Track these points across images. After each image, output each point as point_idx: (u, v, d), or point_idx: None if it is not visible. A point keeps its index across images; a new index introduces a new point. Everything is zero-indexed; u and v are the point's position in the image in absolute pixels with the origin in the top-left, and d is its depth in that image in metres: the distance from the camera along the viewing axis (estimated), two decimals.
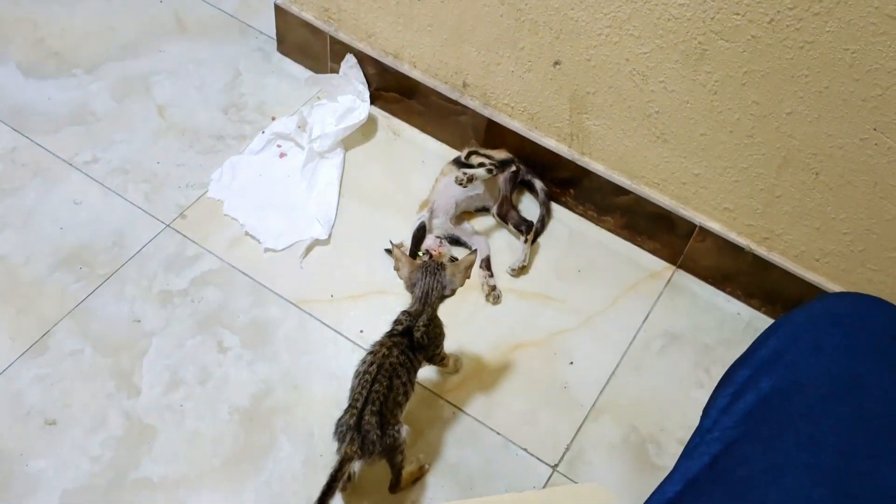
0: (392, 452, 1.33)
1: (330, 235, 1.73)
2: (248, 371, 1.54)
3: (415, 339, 1.35)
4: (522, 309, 1.68)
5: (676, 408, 1.58)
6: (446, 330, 1.44)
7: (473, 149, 1.78)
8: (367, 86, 1.90)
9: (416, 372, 1.38)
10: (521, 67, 1.66)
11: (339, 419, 1.30)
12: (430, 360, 1.45)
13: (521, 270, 1.71)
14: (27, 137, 1.81)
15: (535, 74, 1.65)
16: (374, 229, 1.74)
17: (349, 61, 1.88)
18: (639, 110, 1.57)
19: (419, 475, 1.46)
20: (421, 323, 1.36)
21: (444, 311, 1.65)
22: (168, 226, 1.71)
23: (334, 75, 1.91)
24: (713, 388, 0.96)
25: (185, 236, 1.70)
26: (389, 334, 1.36)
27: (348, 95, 1.88)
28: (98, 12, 2.09)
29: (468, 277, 1.38)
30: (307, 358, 1.57)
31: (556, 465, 1.49)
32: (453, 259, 1.69)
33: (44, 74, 1.94)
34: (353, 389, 1.32)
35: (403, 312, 1.38)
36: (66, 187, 1.75)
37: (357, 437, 1.26)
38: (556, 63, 1.61)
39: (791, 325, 0.91)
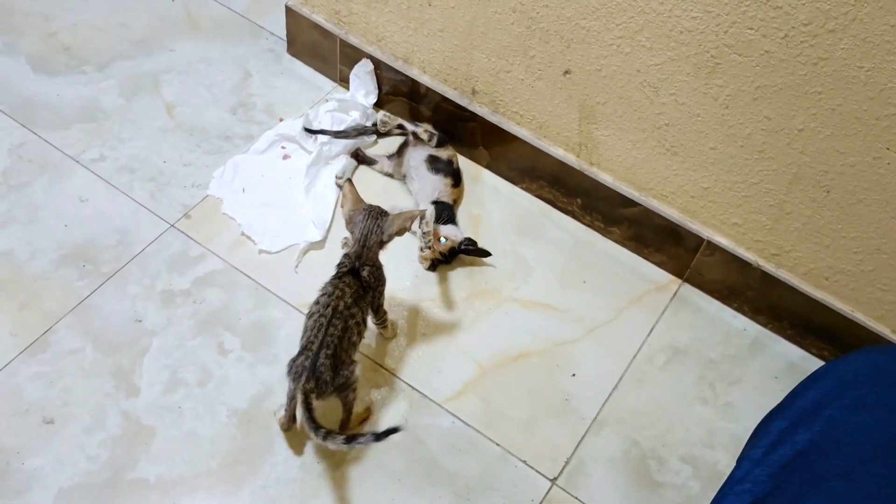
0: (345, 391, 1.39)
1: (326, 238, 1.72)
2: (249, 373, 1.54)
3: (362, 279, 1.40)
4: (525, 318, 1.67)
5: (679, 423, 1.57)
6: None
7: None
8: (377, 93, 1.89)
9: (367, 312, 1.43)
10: (531, 75, 1.65)
11: (294, 359, 1.35)
12: (374, 311, 1.50)
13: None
14: (35, 133, 1.81)
15: (545, 83, 1.64)
16: None
17: (365, 66, 1.87)
18: (649, 122, 1.56)
19: (366, 416, 1.49)
20: (367, 262, 1.41)
21: (447, 317, 1.64)
22: (172, 225, 1.71)
23: (347, 93, 1.91)
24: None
25: (188, 236, 1.70)
26: (338, 276, 1.40)
27: (359, 112, 1.87)
28: (111, 8, 2.08)
29: (407, 230, 1.43)
30: None
31: (556, 479, 1.48)
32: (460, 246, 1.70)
33: (54, 70, 1.94)
34: (307, 328, 1.37)
35: (345, 255, 1.43)
36: (72, 184, 1.74)
37: (312, 377, 1.31)
38: (567, 72, 1.59)
39: (833, 379, 0.90)
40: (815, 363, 1.67)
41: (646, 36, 1.44)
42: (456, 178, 1.80)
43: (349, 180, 1.47)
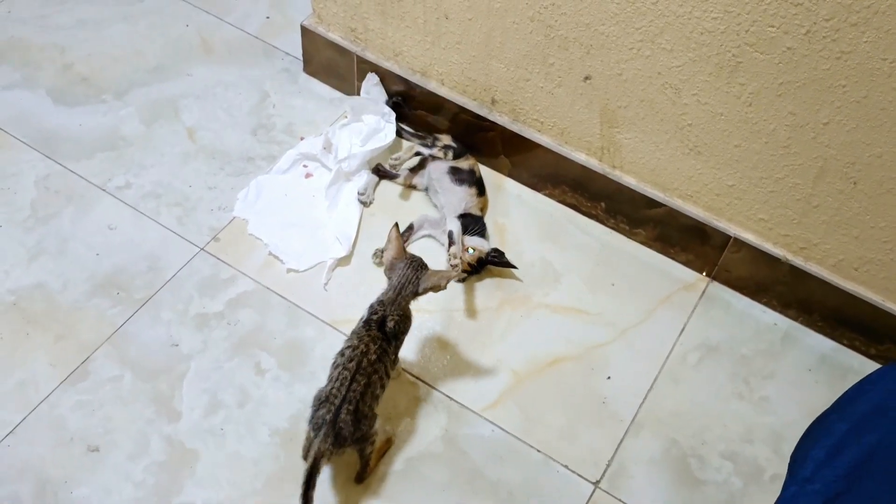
0: (363, 443, 1.38)
1: (352, 253, 1.73)
2: (286, 392, 1.55)
3: (387, 329, 1.39)
4: (557, 323, 1.68)
5: (717, 420, 1.57)
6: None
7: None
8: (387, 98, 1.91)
9: (391, 364, 1.42)
10: (550, 83, 1.66)
11: (316, 411, 1.33)
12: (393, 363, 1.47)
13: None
14: (60, 164, 1.83)
15: (565, 89, 1.65)
16: None
17: (371, 80, 1.89)
18: (671, 123, 1.57)
19: (386, 448, 1.49)
20: (395, 312, 1.40)
21: (480, 327, 1.65)
22: (202, 249, 1.72)
23: (359, 97, 1.92)
24: (801, 436, 0.95)
25: (218, 259, 1.71)
26: (366, 326, 1.39)
27: (373, 115, 1.88)
28: (125, 37, 2.10)
29: (442, 288, 1.42)
30: None
31: (598, 482, 1.49)
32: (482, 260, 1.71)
33: (73, 101, 1.95)
34: (331, 379, 1.36)
35: (378, 301, 1.42)
36: (100, 213, 1.76)
37: (331, 432, 1.30)
38: (587, 78, 1.61)
39: (892, 380, 0.91)
40: (848, 354, 1.68)
41: (666, 38, 1.46)
42: (480, 187, 1.81)
43: (396, 226, 1.46)
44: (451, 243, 1.69)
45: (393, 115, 1.87)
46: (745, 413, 1.59)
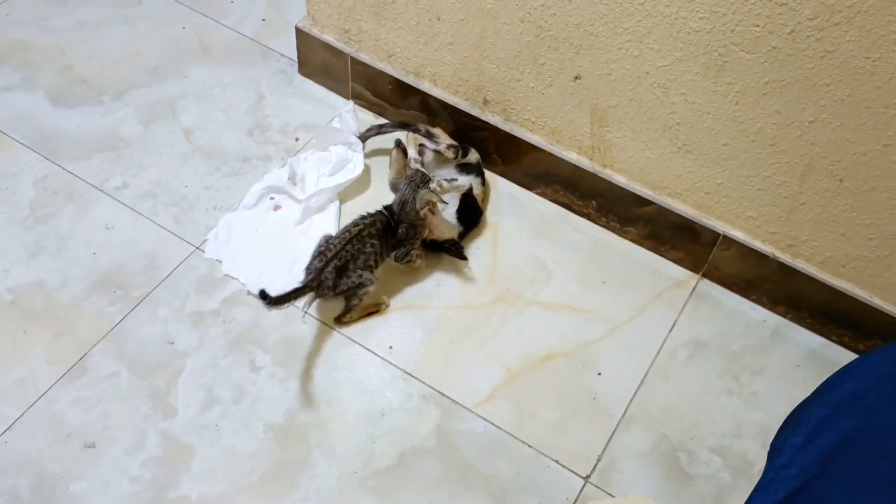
0: (351, 297, 1.59)
1: None
2: (281, 388, 1.57)
3: (397, 233, 1.62)
4: (549, 320, 1.70)
5: (706, 415, 1.59)
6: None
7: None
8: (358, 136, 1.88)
9: (386, 251, 1.62)
10: (541, 83, 1.69)
11: (312, 259, 1.56)
12: (401, 257, 1.66)
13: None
14: (58, 165, 1.85)
15: (556, 89, 1.68)
16: None
17: (346, 107, 1.92)
18: (660, 122, 1.59)
19: (374, 310, 1.66)
20: (405, 221, 1.62)
21: (472, 323, 1.67)
22: (198, 248, 1.74)
23: (325, 127, 1.90)
24: (780, 425, 0.97)
25: (214, 259, 1.73)
26: (382, 211, 1.63)
27: (340, 146, 1.84)
28: (123, 39, 2.13)
29: (431, 212, 1.63)
30: (339, 374, 1.59)
31: (589, 476, 1.51)
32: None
33: (72, 102, 1.98)
34: (332, 237, 1.58)
35: (392, 204, 1.64)
36: (97, 212, 1.78)
37: (316, 279, 1.53)
38: (577, 77, 1.63)
39: (870, 368, 0.93)
40: (837, 350, 1.70)
41: (654, 38, 1.48)
42: (483, 177, 1.82)
43: (399, 144, 1.63)
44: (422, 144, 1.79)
45: (360, 144, 1.85)
46: (735, 408, 1.61)
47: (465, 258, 1.74)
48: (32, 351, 1.58)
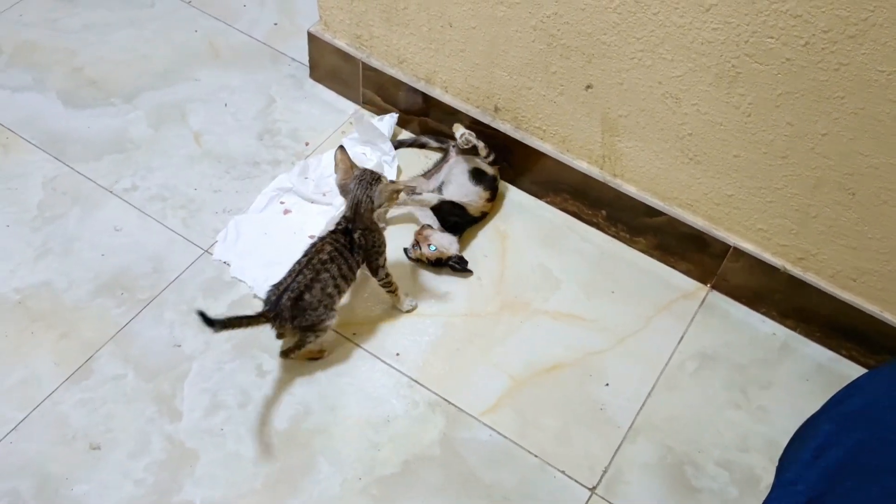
0: (307, 333, 1.51)
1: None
2: (287, 393, 1.56)
3: (354, 239, 1.51)
4: (555, 330, 1.69)
5: (713, 428, 1.58)
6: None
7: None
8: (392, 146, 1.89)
9: (352, 270, 1.53)
10: (552, 91, 1.68)
11: (270, 290, 1.48)
12: (374, 272, 1.59)
13: None
14: (68, 166, 1.86)
15: (567, 98, 1.67)
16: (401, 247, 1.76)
17: (370, 117, 1.93)
18: (671, 132, 1.58)
19: (316, 357, 1.60)
20: (359, 226, 1.51)
21: (479, 331, 1.66)
22: (206, 251, 1.74)
23: (366, 122, 1.89)
24: (789, 441, 0.97)
25: (221, 261, 1.73)
26: (332, 231, 1.52)
27: (377, 152, 1.85)
28: (134, 41, 2.13)
29: (395, 201, 1.52)
30: (344, 380, 1.59)
31: (595, 488, 1.49)
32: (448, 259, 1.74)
33: (83, 104, 1.98)
34: (290, 269, 1.49)
35: (342, 216, 1.53)
36: (106, 214, 1.78)
37: (274, 309, 1.46)
38: (588, 87, 1.62)
39: (877, 384, 0.92)
40: (845, 364, 1.69)
41: (666, 48, 1.47)
42: (494, 193, 1.82)
43: (341, 147, 1.52)
44: (423, 227, 1.76)
45: (394, 153, 1.86)
46: (742, 422, 1.60)
47: (470, 272, 1.74)
48: (38, 352, 1.57)
